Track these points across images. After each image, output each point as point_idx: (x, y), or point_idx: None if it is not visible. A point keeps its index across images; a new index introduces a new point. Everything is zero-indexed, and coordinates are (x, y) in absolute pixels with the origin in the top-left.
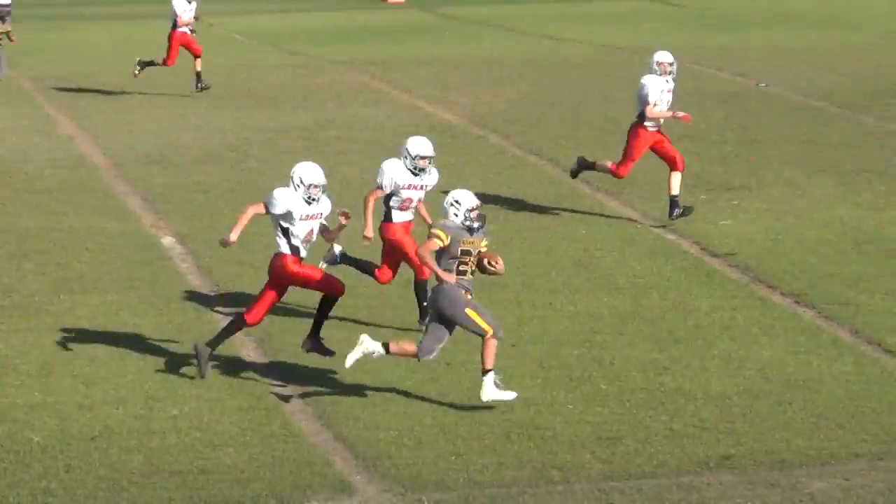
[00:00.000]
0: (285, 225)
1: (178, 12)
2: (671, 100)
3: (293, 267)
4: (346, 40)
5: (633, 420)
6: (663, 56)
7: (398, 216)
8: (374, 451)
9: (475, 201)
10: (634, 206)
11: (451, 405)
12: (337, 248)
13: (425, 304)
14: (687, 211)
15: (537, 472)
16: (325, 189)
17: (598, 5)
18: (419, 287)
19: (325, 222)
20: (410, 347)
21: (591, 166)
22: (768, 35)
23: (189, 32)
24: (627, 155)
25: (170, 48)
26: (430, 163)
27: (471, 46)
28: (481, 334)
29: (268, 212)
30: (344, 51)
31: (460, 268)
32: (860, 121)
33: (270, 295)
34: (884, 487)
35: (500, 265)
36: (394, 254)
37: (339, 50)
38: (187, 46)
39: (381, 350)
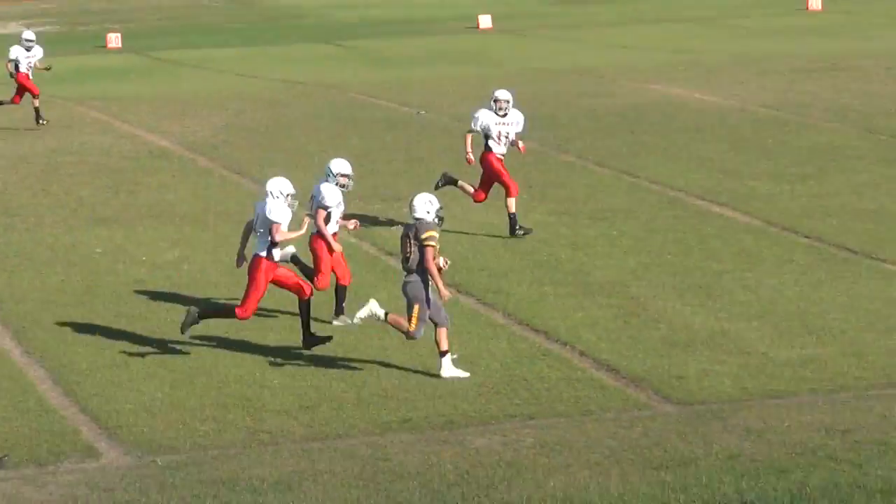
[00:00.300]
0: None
1: (15, 56)
2: (510, 133)
3: (261, 273)
4: (73, 80)
5: (329, 391)
6: (501, 94)
7: (332, 228)
8: (114, 422)
9: (439, 205)
10: None
11: (177, 382)
12: (291, 249)
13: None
14: (523, 230)
15: (251, 435)
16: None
17: (282, 49)
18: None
19: None
20: (402, 322)
21: (454, 182)
22: (425, 71)
23: (29, 76)
24: (485, 182)
25: (18, 89)
26: (349, 180)
27: (179, 84)
28: (404, 329)
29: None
30: (72, 89)
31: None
32: None
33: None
34: (534, 441)
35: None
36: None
37: (69, 88)
38: (26, 86)
39: (382, 314)
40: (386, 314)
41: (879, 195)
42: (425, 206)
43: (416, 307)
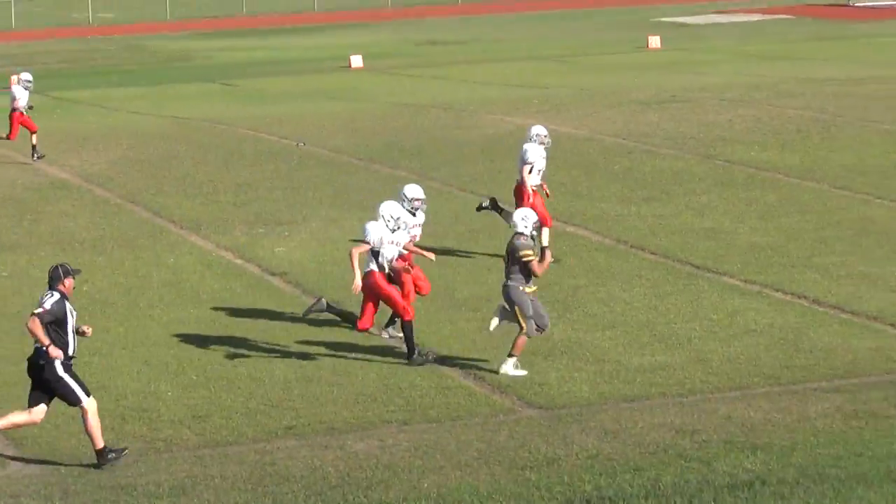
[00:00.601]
0: (376, 249)
1: (17, 97)
2: (544, 165)
3: (381, 282)
4: None
5: (218, 401)
6: (539, 129)
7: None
8: (21, 434)
9: (536, 218)
10: (210, 239)
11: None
12: (323, 300)
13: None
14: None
15: (147, 444)
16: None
17: (171, 88)
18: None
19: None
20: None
21: (499, 211)
22: (302, 107)
23: (25, 113)
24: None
25: (11, 125)
26: (422, 203)
27: (77, 121)
28: (520, 328)
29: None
30: None
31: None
32: (375, 169)
33: (370, 304)
34: (409, 445)
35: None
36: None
37: None
38: (24, 124)
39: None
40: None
41: (717, 215)
42: (521, 220)
43: (519, 308)
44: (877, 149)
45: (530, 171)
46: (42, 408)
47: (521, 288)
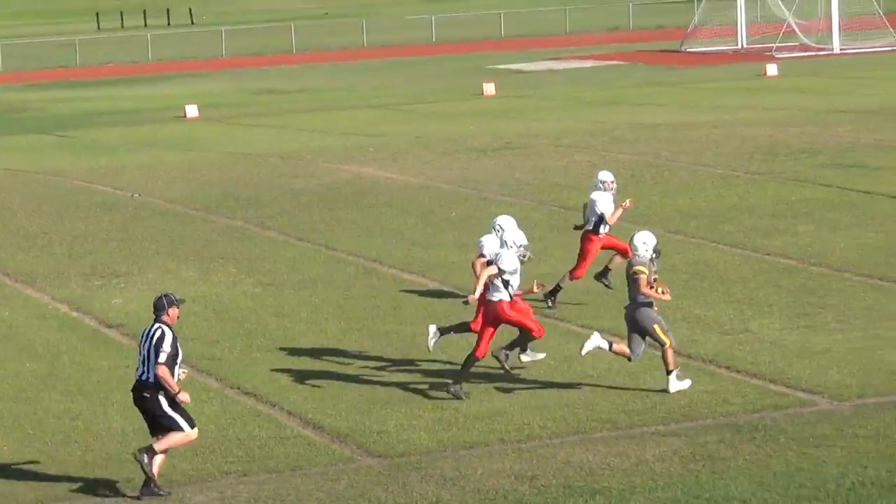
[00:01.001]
0: (507, 278)
1: None
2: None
3: (509, 311)
4: None
5: (56, 455)
6: (605, 175)
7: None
8: None
9: (656, 240)
10: (45, 292)
11: None
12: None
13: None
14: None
15: None
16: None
17: (4, 140)
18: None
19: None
20: (626, 350)
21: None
22: (137, 157)
23: None
24: (583, 258)
25: None
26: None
27: None
28: (662, 345)
29: (497, 268)
30: None
31: None
32: (212, 220)
33: (489, 332)
34: (249, 496)
35: (667, 294)
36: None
37: None
38: None
39: (607, 346)
40: (610, 344)
41: (553, 261)
42: (642, 244)
43: (656, 326)
44: (709, 193)
45: (603, 221)
46: None
47: (650, 311)
